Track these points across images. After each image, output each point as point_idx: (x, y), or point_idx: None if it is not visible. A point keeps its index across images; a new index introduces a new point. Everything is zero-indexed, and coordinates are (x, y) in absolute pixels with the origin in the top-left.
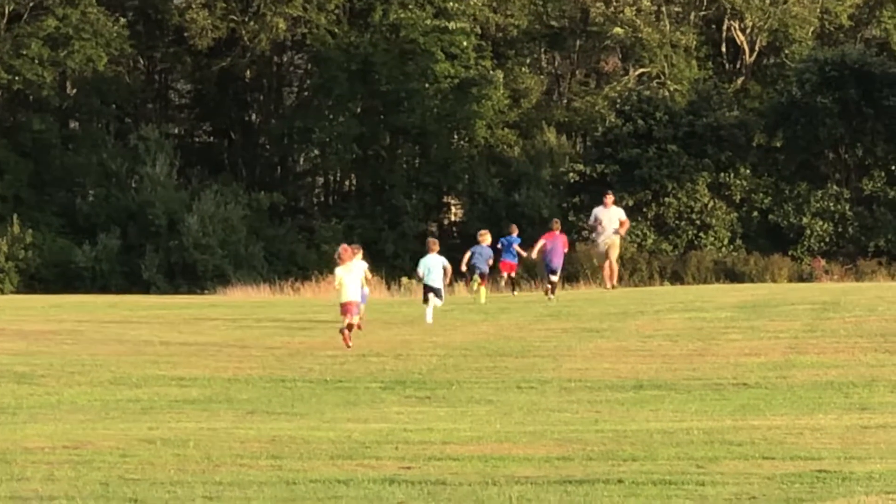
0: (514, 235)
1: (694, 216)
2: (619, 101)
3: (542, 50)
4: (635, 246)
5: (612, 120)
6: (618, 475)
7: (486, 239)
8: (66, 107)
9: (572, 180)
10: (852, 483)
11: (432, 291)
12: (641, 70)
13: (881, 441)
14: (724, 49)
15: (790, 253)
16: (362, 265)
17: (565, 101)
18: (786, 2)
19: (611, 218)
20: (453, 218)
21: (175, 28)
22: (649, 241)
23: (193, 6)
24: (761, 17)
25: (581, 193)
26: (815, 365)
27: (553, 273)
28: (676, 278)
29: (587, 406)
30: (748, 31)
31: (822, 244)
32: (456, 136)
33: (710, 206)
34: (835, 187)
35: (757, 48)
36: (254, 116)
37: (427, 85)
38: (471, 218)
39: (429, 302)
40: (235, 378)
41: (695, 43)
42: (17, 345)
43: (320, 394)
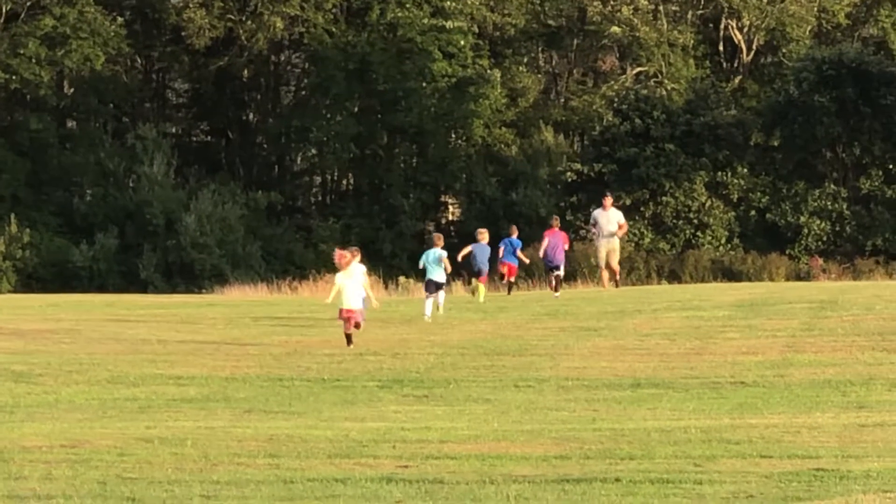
0: (514, 237)
1: (691, 215)
2: (616, 100)
3: (540, 49)
4: (633, 245)
5: (610, 119)
6: (615, 474)
7: (486, 238)
8: (64, 106)
9: (570, 179)
10: (850, 481)
11: (434, 285)
12: (639, 69)
13: (878, 439)
14: (721, 48)
15: (788, 252)
16: (361, 269)
17: (563, 101)
18: (783, 1)
19: (609, 219)
20: (451, 217)
21: (172, 27)
22: (647, 240)
23: (191, 5)
24: (759, 15)
25: (578, 193)
26: (812, 363)
27: (556, 269)
28: (674, 277)
29: (585, 405)
30: (745, 29)
31: (820, 243)
32: (453, 136)
33: (707, 205)
34: (832, 186)
35: (754, 47)
36: (251, 116)
37: (424, 84)
38: (468, 217)
39: (430, 295)
40: (233, 377)
41: (692, 42)
42: (15, 344)
43: (318, 392)
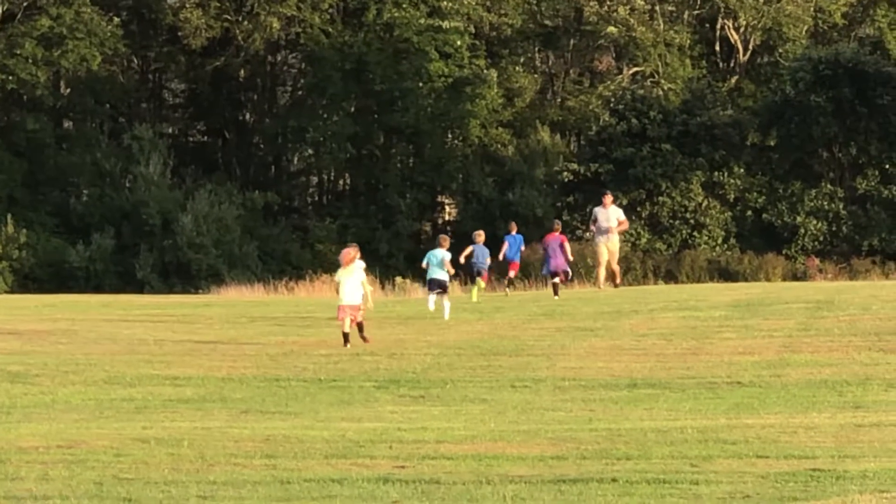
0: (516, 234)
1: (688, 215)
2: (612, 100)
3: (536, 49)
4: (629, 245)
5: (606, 119)
6: (612, 474)
7: (482, 238)
8: (60, 106)
9: (566, 179)
10: (846, 482)
11: (437, 284)
12: (635, 69)
13: (875, 439)
14: (717, 48)
15: (784, 252)
16: (361, 265)
17: (559, 101)
18: (779, 1)
19: (608, 216)
20: (447, 217)
21: (169, 27)
22: (643, 241)
23: (187, 5)
24: (755, 15)
25: (575, 193)
26: (809, 363)
27: (552, 276)
28: (670, 277)
29: (581, 405)
30: (742, 29)
31: (816, 243)
32: (450, 136)
33: (703, 205)
34: (829, 186)
35: (751, 47)
36: (248, 116)
37: (421, 84)
38: (465, 217)
39: (432, 292)
40: (229, 377)
41: (688, 42)
42: (12, 344)
43: (314, 393)
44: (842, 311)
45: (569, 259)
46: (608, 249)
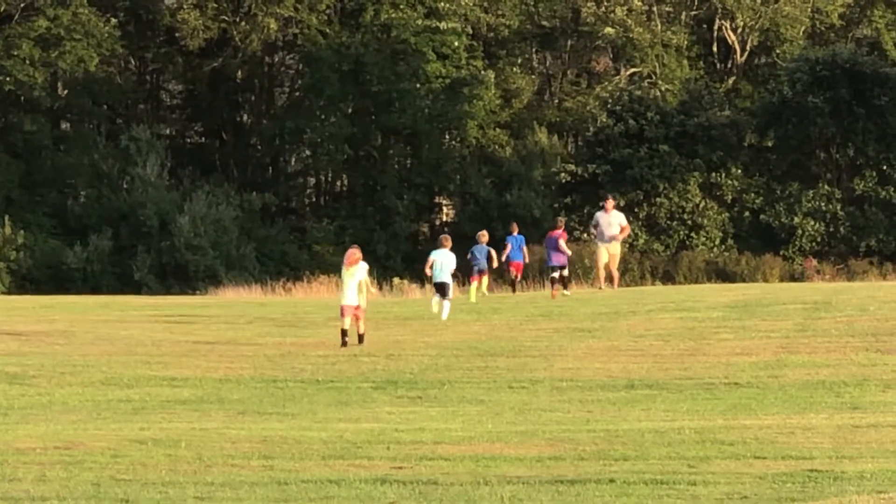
0: (518, 234)
1: (685, 216)
2: (610, 101)
3: (534, 50)
4: (627, 246)
5: (604, 120)
6: (609, 475)
7: (486, 239)
8: (58, 107)
9: (564, 180)
10: (844, 482)
11: (442, 287)
12: (633, 70)
13: (872, 440)
14: (715, 49)
15: (781, 253)
16: (364, 267)
17: (556, 102)
18: (777, 1)
19: (610, 222)
20: (445, 218)
21: (166, 28)
22: (641, 241)
23: (185, 6)
24: (752, 16)
25: (572, 194)
26: (806, 364)
27: (552, 270)
28: (668, 278)
29: (579, 406)
30: (739, 30)
31: (814, 244)
32: (447, 137)
33: (701, 206)
34: (826, 187)
35: (748, 48)
36: (245, 117)
37: (418, 85)
38: (462, 218)
39: (437, 296)
40: (227, 378)
41: (686, 43)
42: (9, 345)
43: (312, 394)
44: (839, 311)
45: (565, 253)
46: (609, 253)
